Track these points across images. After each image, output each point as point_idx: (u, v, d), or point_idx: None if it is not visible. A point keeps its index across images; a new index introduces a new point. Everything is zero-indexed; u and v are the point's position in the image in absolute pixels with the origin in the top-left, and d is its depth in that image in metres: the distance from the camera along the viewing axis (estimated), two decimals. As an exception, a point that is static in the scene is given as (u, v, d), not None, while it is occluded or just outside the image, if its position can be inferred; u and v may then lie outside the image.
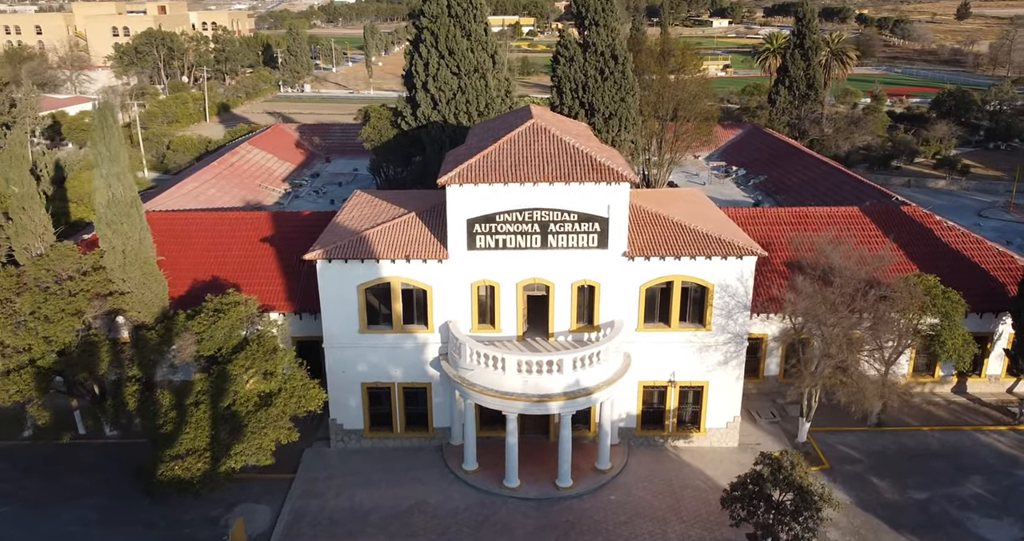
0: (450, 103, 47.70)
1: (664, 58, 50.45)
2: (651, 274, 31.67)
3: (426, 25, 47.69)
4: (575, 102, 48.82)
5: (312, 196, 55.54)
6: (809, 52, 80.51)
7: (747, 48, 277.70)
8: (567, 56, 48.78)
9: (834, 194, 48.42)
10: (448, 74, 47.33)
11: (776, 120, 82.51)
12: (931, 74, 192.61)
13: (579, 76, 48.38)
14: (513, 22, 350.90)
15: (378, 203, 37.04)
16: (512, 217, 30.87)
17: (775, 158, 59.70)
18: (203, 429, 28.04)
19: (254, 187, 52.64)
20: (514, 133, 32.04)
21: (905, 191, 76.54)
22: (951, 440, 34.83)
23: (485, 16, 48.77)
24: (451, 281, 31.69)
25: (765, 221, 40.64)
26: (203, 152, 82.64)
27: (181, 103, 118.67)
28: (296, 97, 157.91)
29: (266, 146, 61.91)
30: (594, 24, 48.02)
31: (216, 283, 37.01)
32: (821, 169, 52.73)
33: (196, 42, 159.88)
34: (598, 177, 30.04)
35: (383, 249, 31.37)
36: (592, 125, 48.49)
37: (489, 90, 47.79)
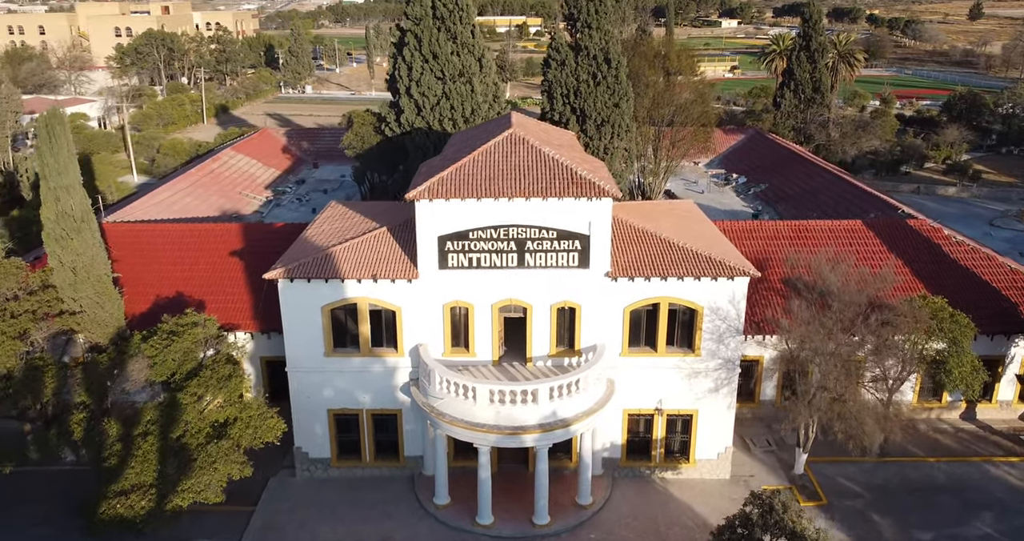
0: (434, 109, 45.68)
1: (660, 61, 48.23)
2: (636, 295, 29.54)
3: (409, 28, 45.68)
4: (566, 108, 46.70)
5: (294, 204, 53.62)
6: (815, 54, 78.11)
7: (756, 49, 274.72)
8: (558, 60, 46.66)
9: (837, 205, 46.16)
10: (432, 79, 45.30)
11: (781, 124, 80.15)
12: (942, 76, 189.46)
13: (570, 81, 46.25)
14: (520, 22, 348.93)
15: (351, 216, 35.03)
16: (486, 234, 28.79)
17: (777, 165, 57.41)
18: (150, 463, 26.08)
19: (234, 195, 50.74)
20: (490, 144, 29.97)
21: (914, 198, 74.13)
22: (958, 472, 32.54)
23: (472, 18, 46.72)
24: (422, 302, 29.64)
25: (763, 235, 38.44)
26: (193, 156, 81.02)
27: (177, 105, 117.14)
28: (297, 98, 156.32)
29: (251, 151, 60.02)
30: (586, 26, 45.89)
31: (180, 300, 35.11)
32: (824, 178, 50.45)
33: (196, 43, 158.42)
34: (578, 192, 27.93)
35: (349, 268, 29.34)
36: (584, 132, 46.39)
37: (475, 95, 45.73)
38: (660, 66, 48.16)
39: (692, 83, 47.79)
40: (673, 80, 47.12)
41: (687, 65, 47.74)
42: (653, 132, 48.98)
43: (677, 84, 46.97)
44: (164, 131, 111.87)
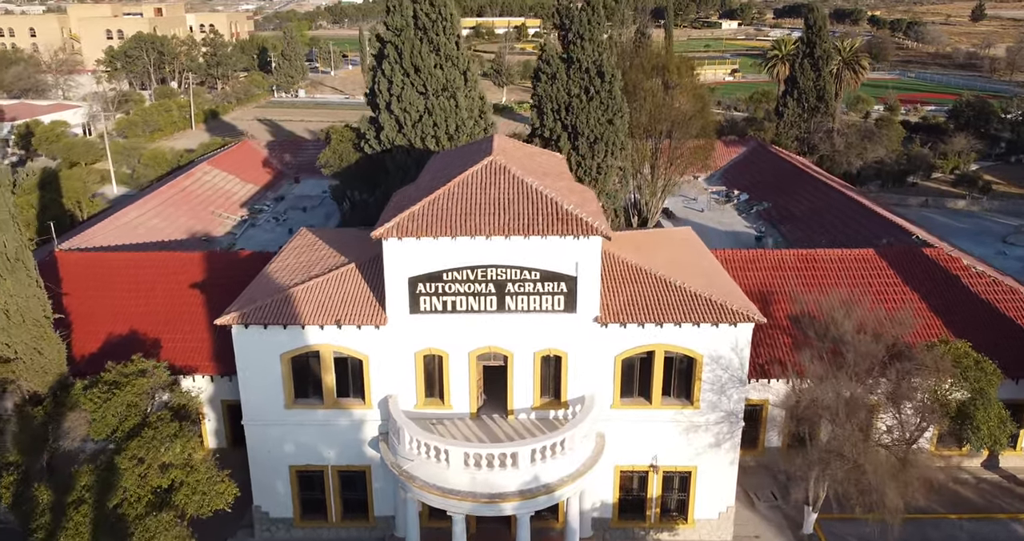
0: (416, 126, 42.80)
1: (658, 72, 45.34)
2: (628, 342, 26.67)
3: (389, 39, 42.79)
4: (557, 124, 43.80)
5: (271, 224, 50.69)
6: (819, 61, 75.23)
7: (756, 51, 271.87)
8: (548, 73, 43.76)
9: (846, 227, 43.33)
10: (414, 94, 42.41)
11: (784, 134, 77.29)
12: (946, 79, 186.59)
13: (561, 95, 43.35)
14: (519, 23, 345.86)
15: (320, 247, 32.16)
16: (463, 275, 25.94)
17: (781, 181, 54.54)
18: (82, 537, 23.20)
19: (206, 215, 47.89)
20: (467, 174, 27.12)
21: (922, 212, 71.25)
22: (983, 531, 29.70)
23: (456, 29, 43.85)
24: (391, 349, 26.78)
25: (767, 265, 35.57)
26: (174, 166, 78.15)
27: (164, 111, 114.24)
28: (290, 102, 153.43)
29: (228, 166, 57.13)
30: (579, 37, 42.99)
31: (134, 338, 32.25)
32: (831, 197, 47.61)
33: (187, 46, 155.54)
34: (564, 230, 25.08)
35: (311, 312, 26.47)
36: (575, 150, 43.51)
37: (460, 111, 42.84)
38: (658, 77, 45.29)
39: (692, 94, 44.84)
40: (672, 93, 44.24)
41: (687, 76, 44.78)
42: (650, 147, 46.10)
43: (676, 97, 44.08)
44: (150, 138, 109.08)
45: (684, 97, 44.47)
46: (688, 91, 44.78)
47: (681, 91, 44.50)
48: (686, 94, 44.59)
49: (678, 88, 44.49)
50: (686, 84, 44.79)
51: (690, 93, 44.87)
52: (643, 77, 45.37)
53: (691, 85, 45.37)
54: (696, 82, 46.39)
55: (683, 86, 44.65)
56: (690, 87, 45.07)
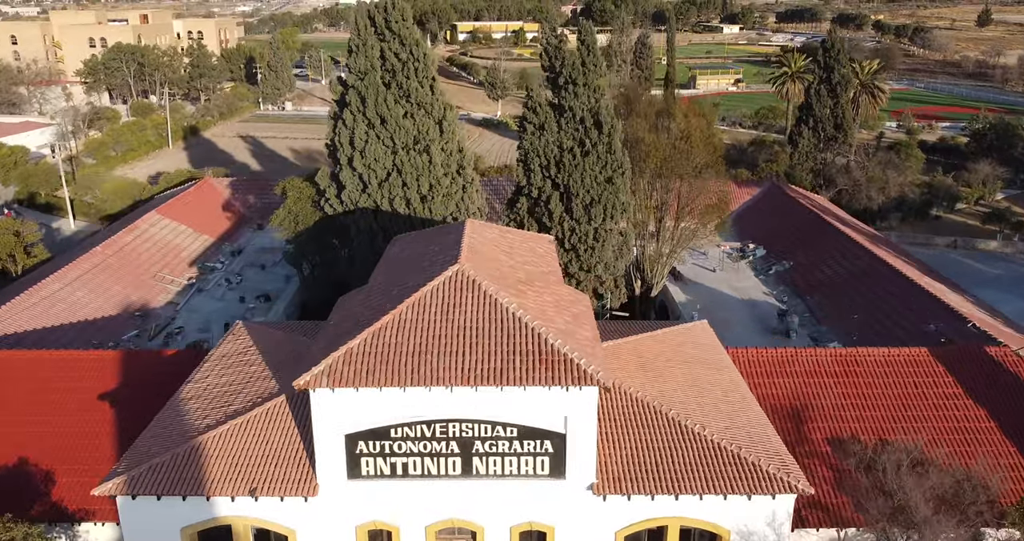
0: (383, 185, 36.65)
1: (664, 120, 39.15)
2: (634, 515, 20.55)
3: (352, 83, 36.62)
4: (546, 182, 37.62)
5: (222, 288, 44.41)
6: (837, 88, 69.07)
7: (759, 57, 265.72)
8: (536, 123, 37.55)
9: (883, 303, 37.24)
10: (380, 149, 36.25)
11: (799, 166, 71.21)
12: (957, 90, 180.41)
13: (552, 149, 37.17)
14: (517, 27, 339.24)
15: (251, 359, 26.00)
16: (416, 432, 19.81)
17: (802, 234, 48.38)
18: None
19: (146, 281, 41.74)
20: (425, 291, 21.00)
21: (951, 255, 65.16)
22: None
23: (431, 70, 37.69)
24: (326, 523, 20.63)
25: (800, 368, 29.42)
26: (136, 200, 72.01)
27: (138, 130, 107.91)
28: (275, 116, 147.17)
29: (181, 213, 50.89)
30: (571, 83, 36.78)
31: (20, 473, 26.05)
32: (863, 260, 41.46)
33: (169, 57, 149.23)
34: (551, 378, 18.98)
35: (218, 475, 20.34)
36: (569, 212, 37.32)
37: (434, 168, 36.69)
38: (664, 126, 39.19)
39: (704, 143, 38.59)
40: (681, 146, 38.08)
41: (699, 127, 38.45)
42: (655, 206, 39.99)
43: (684, 150, 37.93)
44: (122, 158, 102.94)
45: (696, 148, 38.31)
46: (700, 141, 38.59)
47: (692, 142, 38.32)
48: (698, 145, 38.43)
49: (688, 139, 38.31)
50: (698, 135, 38.58)
51: (702, 143, 38.68)
52: (643, 123, 39.19)
53: (703, 134, 39.15)
54: (710, 130, 40.12)
55: (695, 137, 38.45)
56: (702, 137, 38.86)
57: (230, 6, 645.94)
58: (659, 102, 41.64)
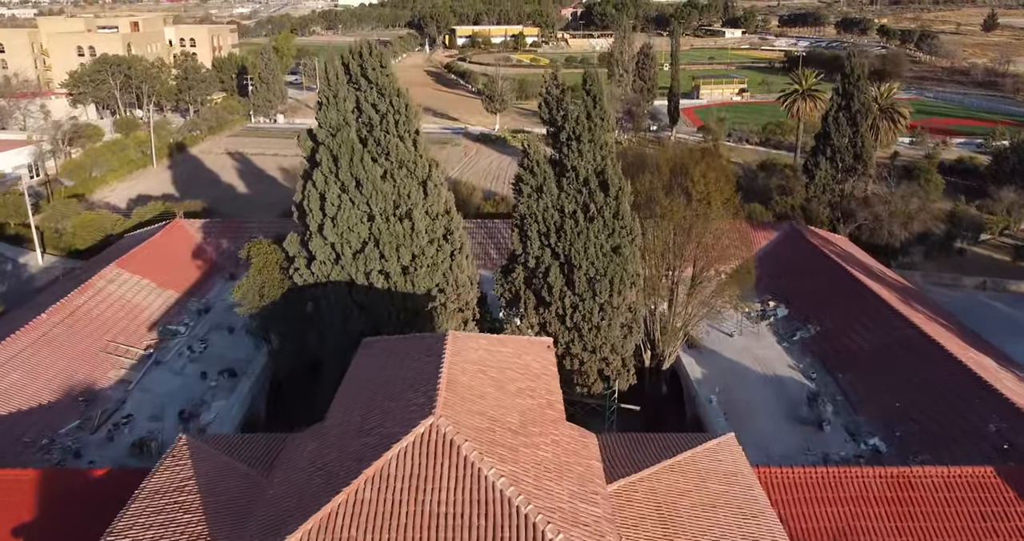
0: (359, 256, 32.09)
1: (678, 180, 34.40)
2: None
3: (323, 140, 32.07)
4: (545, 251, 33.04)
5: (182, 359, 39.75)
6: (857, 116, 64.45)
7: (763, 62, 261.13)
8: (534, 185, 32.96)
9: (928, 388, 32.68)
10: (355, 215, 31.71)
11: (815, 199, 66.68)
12: (968, 100, 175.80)
13: (551, 214, 32.60)
14: (517, 32, 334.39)
15: (187, 505, 21.44)
16: None
17: (827, 290, 43.81)
18: None
19: (95, 354, 37.23)
20: (387, 458, 16.45)
21: (980, 298, 60.66)
22: None
23: (413, 123, 33.14)
24: None
25: (845, 494, 24.90)
26: (107, 236, 67.54)
27: (119, 149, 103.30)
28: (266, 130, 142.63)
29: (143, 265, 46.25)
30: (574, 139, 32.23)
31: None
32: (899, 329, 36.88)
33: (157, 68, 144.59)
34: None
35: None
36: (570, 286, 32.75)
37: (417, 236, 32.14)
38: (678, 186, 34.52)
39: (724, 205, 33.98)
40: (699, 209, 33.50)
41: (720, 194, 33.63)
42: (667, 273, 35.48)
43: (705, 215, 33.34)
44: (102, 180, 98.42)
45: (716, 209, 33.73)
46: (720, 203, 34.00)
47: (712, 204, 33.74)
48: (718, 206, 33.85)
49: (708, 205, 33.72)
50: (718, 197, 33.98)
51: (722, 203, 34.08)
52: (658, 184, 34.57)
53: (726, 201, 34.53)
54: (732, 192, 35.48)
55: (715, 203, 33.86)
56: (723, 197, 34.25)
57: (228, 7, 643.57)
58: (671, 152, 36.76)
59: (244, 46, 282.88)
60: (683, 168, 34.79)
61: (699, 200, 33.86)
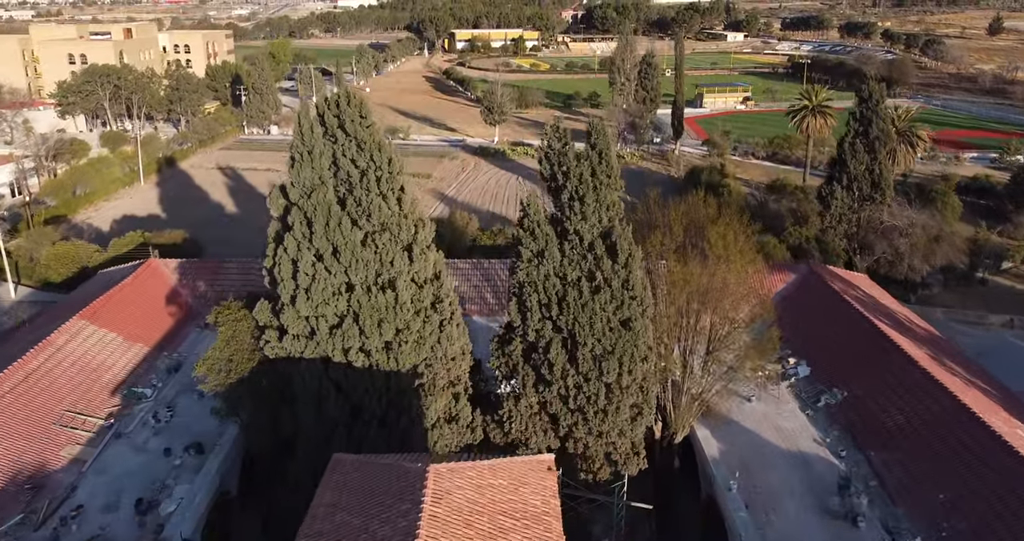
0: (335, 332, 28.53)
1: (692, 238, 30.80)
2: None
3: (296, 200, 28.52)
4: (545, 324, 29.43)
5: (146, 430, 36.04)
6: (876, 143, 60.85)
7: (766, 67, 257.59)
8: (533, 249, 29.39)
9: (974, 476, 29.22)
10: (331, 287, 28.15)
11: (831, 229, 63.17)
12: (977, 109, 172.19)
13: (552, 283, 29.02)
14: (517, 36, 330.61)
15: None
16: None
17: (852, 346, 40.19)
18: None
19: (48, 428, 33.67)
20: None
21: (1008, 337, 57.23)
22: None
23: (397, 181, 29.58)
24: None
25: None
26: (84, 266, 64.09)
27: (105, 167, 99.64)
28: (259, 142, 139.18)
29: (112, 315, 42.65)
30: (577, 199, 28.67)
31: None
32: (936, 400, 33.26)
33: (148, 79, 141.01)
34: None
35: None
36: (574, 363, 29.14)
37: (401, 309, 28.58)
38: (693, 246, 31.00)
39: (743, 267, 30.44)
40: (717, 270, 29.92)
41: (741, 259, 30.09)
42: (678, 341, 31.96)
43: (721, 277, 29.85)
44: (86, 200, 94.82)
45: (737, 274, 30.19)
46: (741, 270, 30.46)
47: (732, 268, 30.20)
48: (739, 271, 30.30)
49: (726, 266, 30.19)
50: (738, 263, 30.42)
51: (744, 270, 30.55)
52: (667, 243, 31.00)
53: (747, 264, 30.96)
54: (753, 254, 31.93)
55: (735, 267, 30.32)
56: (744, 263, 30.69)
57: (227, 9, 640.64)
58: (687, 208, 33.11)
59: (241, 49, 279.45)
60: (698, 227, 31.26)
61: (717, 260, 30.29)
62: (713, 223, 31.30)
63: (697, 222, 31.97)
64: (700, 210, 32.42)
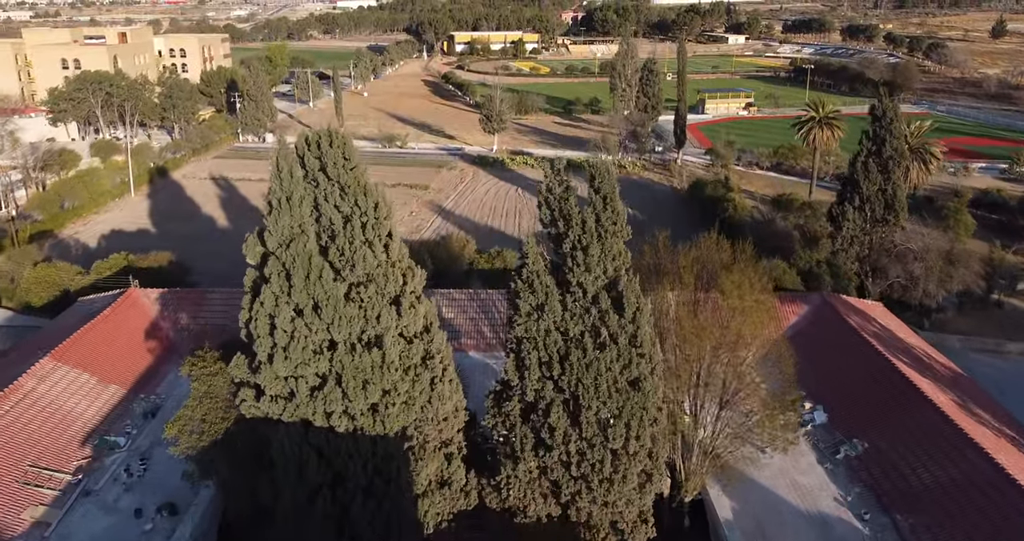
0: (317, 394, 26.10)
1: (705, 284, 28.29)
2: None
3: (274, 250, 26.09)
4: (546, 384, 27.01)
5: (116, 487, 33.57)
6: (890, 163, 58.39)
7: (767, 71, 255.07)
8: (533, 303, 26.98)
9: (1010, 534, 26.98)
10: (312, 345, 25.74)
11: (842, 252, 60.73)
12: (983, 116, 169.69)
13: (553, 339, 26.61)
14: (516, 38, 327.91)
15: None
16: None
17: (870, 389, 37.85)
18: None
19: (10, 485, 31.31)
20: None
21: (1023, 365, 54.96)
22: None
23: (384, 227, 27.17)
24: None
25: None
26: (65, 290, 61.63)
27: (93, 179, 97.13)
28: (253, 150, 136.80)
29: (86, 354, 40.14)
30: (580, 249, 26.26)
31: None
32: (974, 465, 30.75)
33: (140, 86, 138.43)
34: None
35: None
36: (576, 426, 26.68)
37: (389, 368, 26.17)
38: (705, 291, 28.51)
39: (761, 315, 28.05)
40: (732, 322, 27.52)
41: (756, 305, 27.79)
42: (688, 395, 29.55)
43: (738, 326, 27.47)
44: (75, 213, 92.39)
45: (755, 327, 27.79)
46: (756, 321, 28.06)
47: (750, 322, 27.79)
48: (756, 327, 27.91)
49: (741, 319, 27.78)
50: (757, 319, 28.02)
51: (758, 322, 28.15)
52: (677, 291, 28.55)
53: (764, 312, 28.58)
54: (772, 310, 29.54)
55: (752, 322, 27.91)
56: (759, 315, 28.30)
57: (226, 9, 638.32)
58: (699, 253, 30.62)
59: (239, 52, 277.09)
60: (710, 275, 28.86)
61: (732, 312, 27.91)
62: (727, 269, 28.90)
63: (710, 268, 29.57)
64: (714, 256, 30.01)
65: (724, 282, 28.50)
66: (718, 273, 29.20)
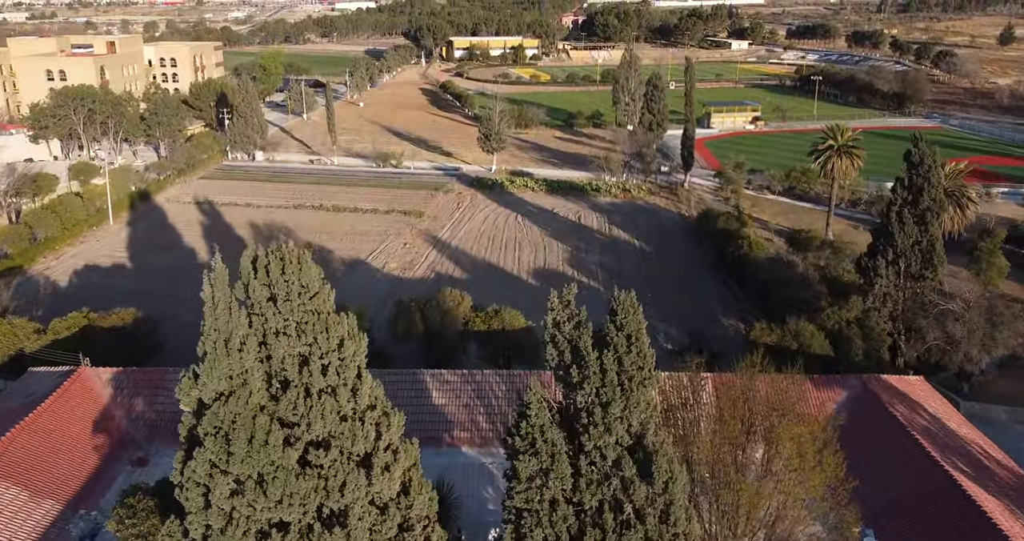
0: (264, 586, 20.57)
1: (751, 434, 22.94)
2: None
3: (210, 404, 20.56)
4: (554, 565, 21.57)
5: None
6: (927, 215, 52.93)
7: (772, 78, 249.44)
8: (536, 466, 21.50)
9: None
10: (256, 525, 20.25)
11: (875, 311, 55.24)
12: (998, 132, 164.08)
13: (563, 517, 21.08)
14: (516, 44, 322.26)
15: None
16: None
17: (925, 504, 32.57)
18: None
19: None
20: None
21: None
22: None
23: (352, 365, 21.67)
24: None
25: None
26: (20, 349, 56.12)
27: (67, 210, 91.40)
28: (242, 170, 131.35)
29: (18, 463, 34.68)
30: (599, 405, 20.77)
31: None
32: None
33: (124, 103, 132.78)
34: None
35: None
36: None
37: None
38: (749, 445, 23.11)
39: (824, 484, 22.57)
40: (789, 487, 22.12)
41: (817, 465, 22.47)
42: None
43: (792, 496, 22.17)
44: (47, 246, 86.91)
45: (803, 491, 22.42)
46: (816, 485, 22.64)
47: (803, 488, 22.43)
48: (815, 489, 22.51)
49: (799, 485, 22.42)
50: (819, 481, 22.65)
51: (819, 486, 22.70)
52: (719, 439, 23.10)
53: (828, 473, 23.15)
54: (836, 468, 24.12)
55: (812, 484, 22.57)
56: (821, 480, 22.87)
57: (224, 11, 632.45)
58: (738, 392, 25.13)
59: (235, 56, 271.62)
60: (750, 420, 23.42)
61: (787, 473, 22.53)
62: (782, 412, 23.45)
63: (756, 419, 24.15)
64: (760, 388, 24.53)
65: (780, 434, 23.04)
66: (768, 416, 23.81)
